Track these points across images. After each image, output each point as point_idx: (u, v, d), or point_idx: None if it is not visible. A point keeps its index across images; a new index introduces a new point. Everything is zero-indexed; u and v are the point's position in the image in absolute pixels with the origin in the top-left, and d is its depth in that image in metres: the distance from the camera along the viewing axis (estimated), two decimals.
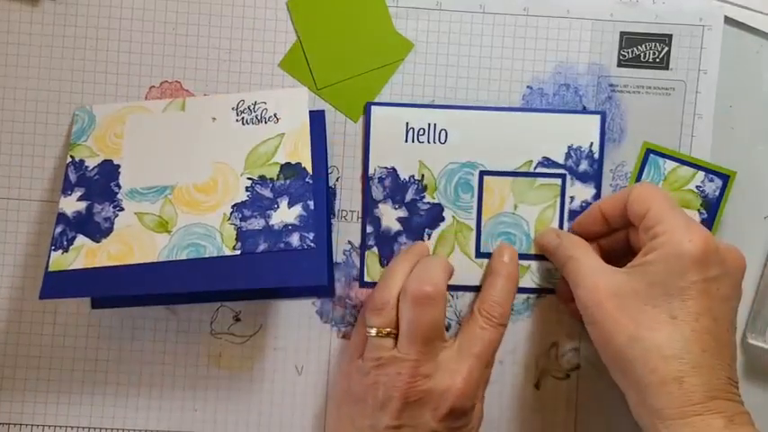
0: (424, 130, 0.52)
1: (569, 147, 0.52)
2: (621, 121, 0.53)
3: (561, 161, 0.52)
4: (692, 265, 0.42)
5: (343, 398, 0.48)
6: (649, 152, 0.52)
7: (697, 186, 0.52)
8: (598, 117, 0.52)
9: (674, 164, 0.52)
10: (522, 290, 0.52)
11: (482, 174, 0.52)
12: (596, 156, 0.52)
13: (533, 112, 0.52)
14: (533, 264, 0.52)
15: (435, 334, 0.46)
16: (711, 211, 0.52)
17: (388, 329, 0.47)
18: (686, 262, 0.42)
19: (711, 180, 0.52)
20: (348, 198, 0.53)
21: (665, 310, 0.42)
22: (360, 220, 0.53)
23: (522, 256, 0.52)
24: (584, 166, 0.52)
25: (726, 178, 0.52)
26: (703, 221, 0.52)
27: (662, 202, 0.45)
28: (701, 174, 0.52)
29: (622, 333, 0.43)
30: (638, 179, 0.52)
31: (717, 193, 0.52)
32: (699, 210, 0.52)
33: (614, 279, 0.44)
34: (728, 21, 0.53)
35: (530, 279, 0.52)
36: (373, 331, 0.47)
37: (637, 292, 0.43)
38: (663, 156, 0.52)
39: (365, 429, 0.46)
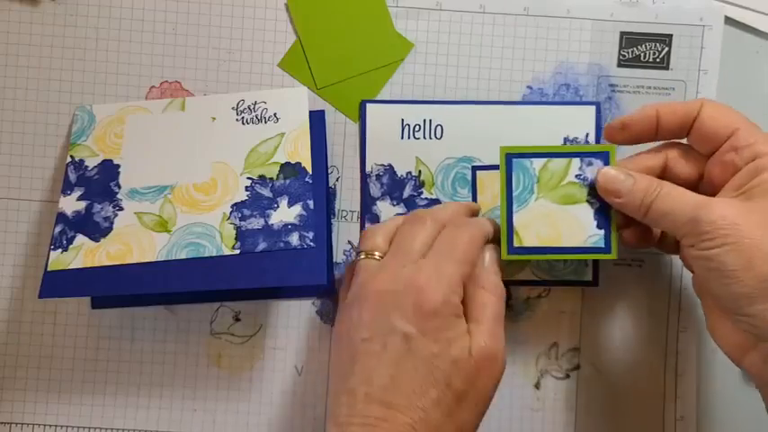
0: (419, 126, 0.52)
1: (565, 138, 0.52)
2: None
3: None
4: None
5: (333, 344, 0.45)
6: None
7: None
8: (593, 107, 0.52)
9: None
10: (523, 282, 0.52)
11: (474, 168, 0.52)
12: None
13: (528, 105, 0.52)
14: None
15: (414, 246, 0.44)
16: None
17: (376, 252, 0.45)
18: None
19: None
20: (348, 198, 0.53)
21: None
22: (360, 219, 0.53)
23: None
24: None
25: None
26: None
27: (746, 120, 0.43)
28: None
29: None
30: None
31: None
32: None
33: (735, 202, 0.41)
34: (728, 21, 0.53)
35: (530, 272, 0.52)
36: (362, 255, 0.45)
37: None
38: None
39: (344, 350, 0.43)
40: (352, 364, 0.42)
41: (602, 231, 0.46)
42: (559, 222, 0.46)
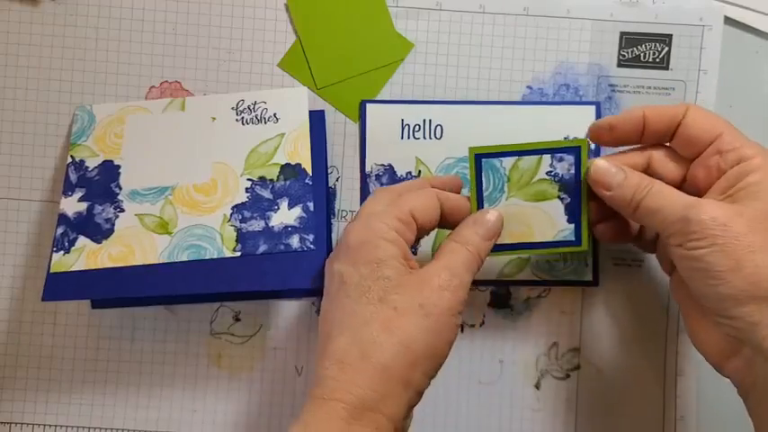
0: (419, 126, 0.52)
1: (565, 138, 0.52)
2: None
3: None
4: None
5: None
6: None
7: None
8: (593, 107, 0.52)
9: None
10: (523, 282, 0.52)
11: None
12: (592, 146, 0.52)
13: (528, 105, 0.52)
14: (534, 256, 0.52)
15: (363, 211, 0.45)
16: None
17: None
18: None
19: None
20: (348, 198, 0.53)
21: None
22: None
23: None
24: None
25: None
26: None
27: (729, 125, 0.43)
28: None
29: (762, 252, 0.39)
30: None
31: None
32: None
33: (724, 204, 0.41)
34: (728, 21, 0.53)
35: (530, 272, 0.52)
36: None
37: (763, 211, 0.40)
38: None
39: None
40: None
41: (573, 225, 0.47)
42: (531, 219, 0.47)
